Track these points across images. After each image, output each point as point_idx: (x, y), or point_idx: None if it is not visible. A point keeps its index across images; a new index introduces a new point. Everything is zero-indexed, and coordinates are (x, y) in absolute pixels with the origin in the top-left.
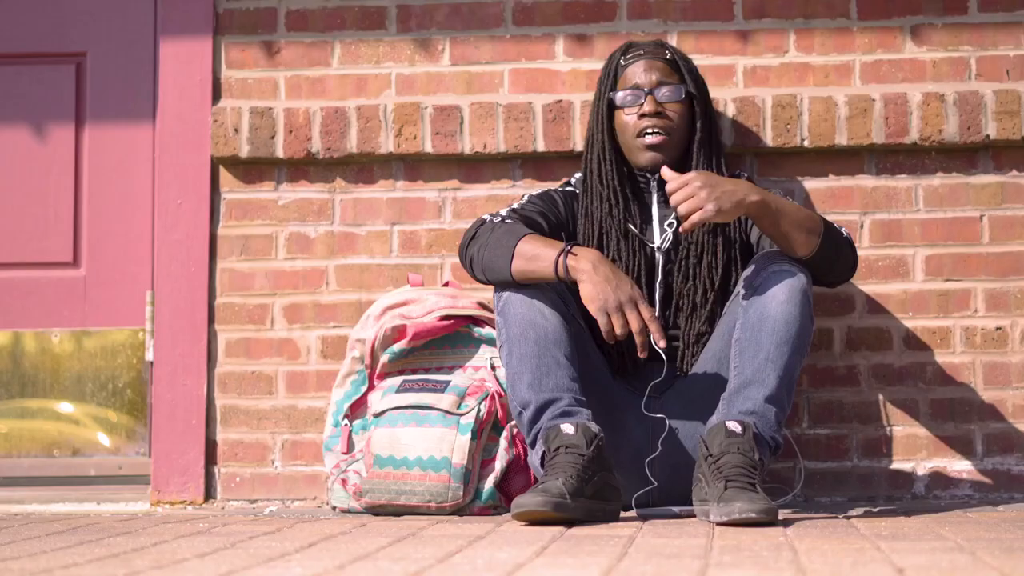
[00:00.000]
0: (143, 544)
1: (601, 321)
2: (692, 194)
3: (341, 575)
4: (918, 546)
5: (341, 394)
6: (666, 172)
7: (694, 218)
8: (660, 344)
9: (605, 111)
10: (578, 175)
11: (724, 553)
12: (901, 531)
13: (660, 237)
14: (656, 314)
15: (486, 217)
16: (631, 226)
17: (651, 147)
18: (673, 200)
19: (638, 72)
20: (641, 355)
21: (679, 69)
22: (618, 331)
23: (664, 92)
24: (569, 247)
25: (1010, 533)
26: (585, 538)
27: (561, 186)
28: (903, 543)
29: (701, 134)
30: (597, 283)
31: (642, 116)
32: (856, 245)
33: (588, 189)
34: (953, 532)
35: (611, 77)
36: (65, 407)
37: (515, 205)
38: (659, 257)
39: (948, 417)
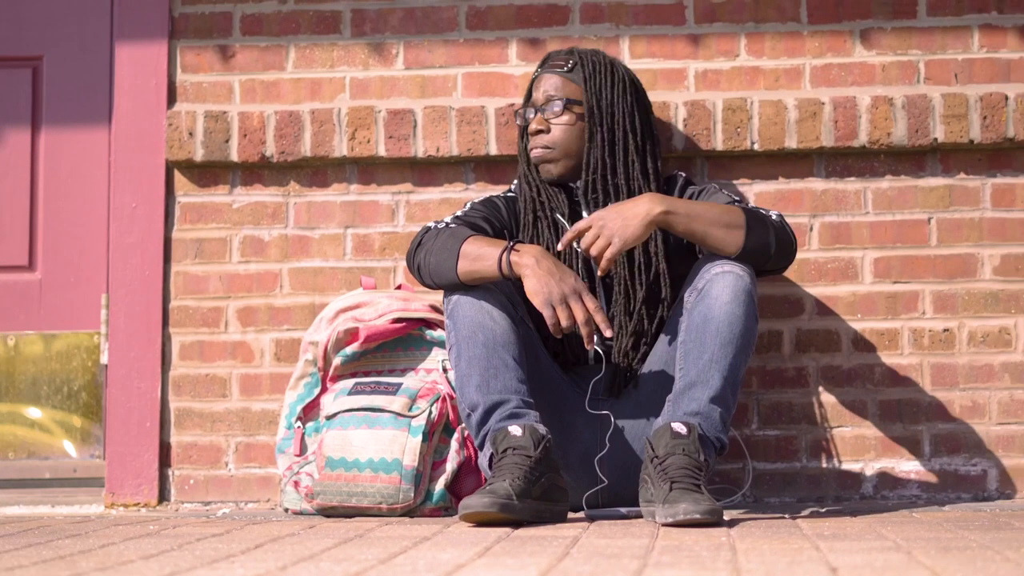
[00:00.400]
0: (91, 546)
1: (546, 314)
2: (597, 235)
3: None
4: (856, 546)
5: (294, 396)
6: (570, 230)
7: (607, 256)
8: (606, 333)
9: (520, 129)
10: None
11: (664, 553)
12: (843, 531)
13: None
14: (598, 303)
15: (431, 224)
16: (559, 216)
17: (539, 160)
18: (584, 245)
19: (537, 88)
20: (588, 346)
21: (579, 78)
22: (564, 323)
23: (550, 108)
24: (512, 244)
25: (949, 532)
26: (530, 539)
27: (503, 192)
28: (843, 543)
29: (588, 144)
30: (540, 276)
31: (531, 134)
32: (804, 247)
33: (523, 198)
34: (894, 532)
35: (527, 94)
36: (21, 410)
37: (458, 212)
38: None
39: (896, 418)
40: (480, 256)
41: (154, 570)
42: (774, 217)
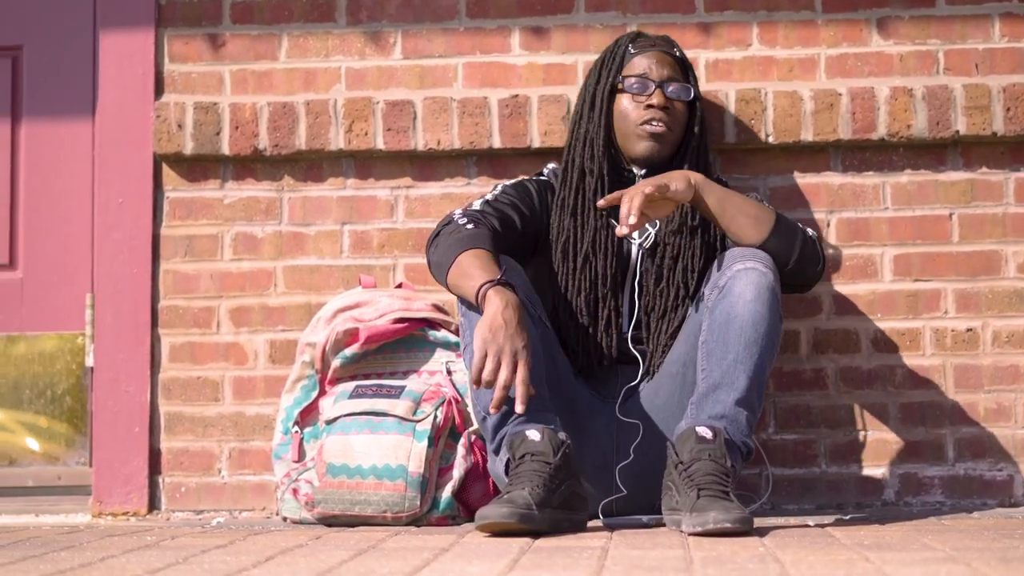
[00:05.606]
0: (90, 559)
1: (477, 357)
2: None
3: None
4: (907, 556)
5: (291, 400)
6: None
7: (655, 183)
8: (518, 408)
9: (606, 94)
10: (551, 166)
11: (707, 565)
12: (883, 540)
13: (641, 235)
14: (529, 376)
15: (456, 214)
16: (612, 220)
17: (652, 136)
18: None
19: (649, 63)
20: (492, 411)
21: (685, 69)
22: (485, 376)
23: (673, 88)
24: (501, 280)
25: (998, 542)
26: (555, 550)
27: (535, 176)
28: (890, 553)
29: (700, 139)
30: (495, 323)
31: (649, 107)
32: (822, 243)
33: (568, 179)
34: (937, 541)
35: (616, 61)
36: (1, 415)
37: (488, 196)
38: (635, 254)
39: (919, 421)
40: (467, 275)
41: None
42: (810, 232)
